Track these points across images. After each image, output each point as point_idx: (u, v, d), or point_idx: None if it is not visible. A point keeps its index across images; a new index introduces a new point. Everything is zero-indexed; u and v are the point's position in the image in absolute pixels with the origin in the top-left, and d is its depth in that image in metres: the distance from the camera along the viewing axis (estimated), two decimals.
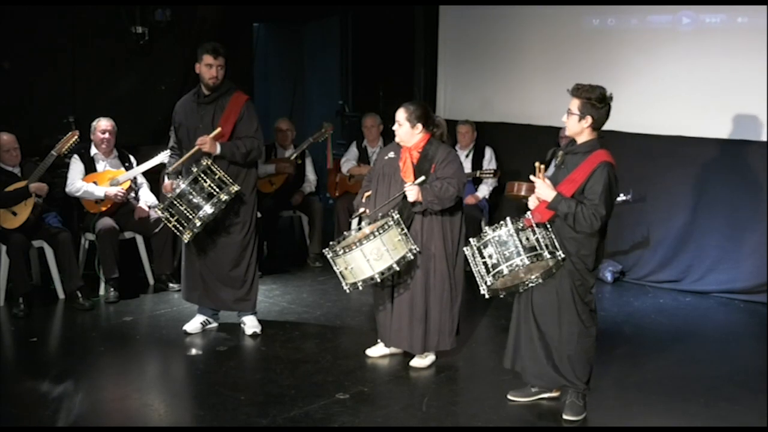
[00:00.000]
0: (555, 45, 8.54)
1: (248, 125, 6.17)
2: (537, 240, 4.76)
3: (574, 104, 4.79)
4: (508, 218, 4.85)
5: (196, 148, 6.01)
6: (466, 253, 4.99)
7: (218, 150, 6.02)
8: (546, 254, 4.72)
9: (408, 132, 5.61)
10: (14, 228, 6.97)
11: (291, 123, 9.06)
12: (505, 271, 4.76)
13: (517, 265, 4.75)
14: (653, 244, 8.03)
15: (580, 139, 4.84)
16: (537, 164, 4.87)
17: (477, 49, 9.24)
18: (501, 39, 8.99)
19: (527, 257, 4.73)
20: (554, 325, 4.94)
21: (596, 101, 4.74)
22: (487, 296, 4.92)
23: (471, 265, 4.96)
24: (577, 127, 4.81)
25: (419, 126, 5.60)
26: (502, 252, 4.79)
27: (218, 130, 6.03)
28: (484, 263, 4.86)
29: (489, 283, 4.84)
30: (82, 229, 7.56)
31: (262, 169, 8.31)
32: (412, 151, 5.64)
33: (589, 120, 4.76)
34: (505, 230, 4.81)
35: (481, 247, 4.89)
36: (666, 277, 7.92)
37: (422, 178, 5.50)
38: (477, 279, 4.94)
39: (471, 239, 4.98)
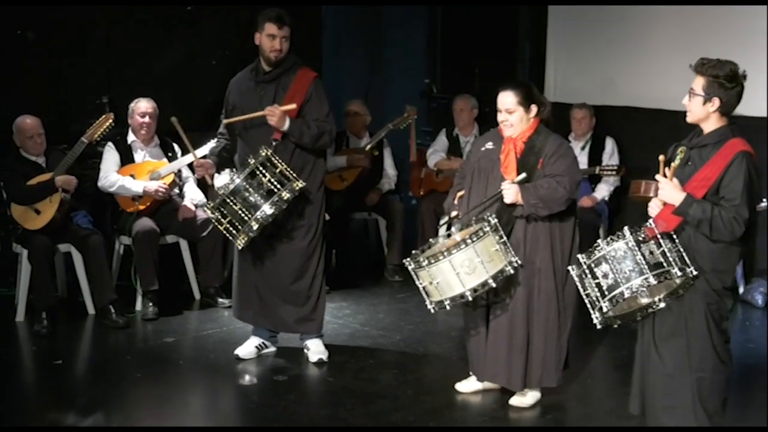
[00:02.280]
0: (693, 12, 8.41)
1: (318, 108, 6.19)
2: (663, 253, 4.68)
3: (698, 83, 4.73)
4: (626, 228, 4.78)
5: (260, 113, 6.05)
6: (572, 273, 4.92)
7: (287, 125, 6.05)
8: (675, 271, 4.64)
9: (523, 118, 5.56)
10: (37, 229, 7.11)
11: (366, 106, 9.10)
12: (627, 294, 4.68)
13: (640, 286, 4.67)
14: None
15: (707, 128, 4.77)
16: (661, 158, 4.79)
17: (595, 18, 9.17)
18: (625, 5, 8.89)
19: (653, 275, 4.65)
20: (682, 361, 4.81)
21: (725, 80, 4.67)
22: (599, 326, 4.84)
23: (579, 287, 4.89)
24: (702, 112, 4.74)
25: (534, 108, 5.57)
26: (620, 270, 4.72)
27: (292, 105, 6.05)
28: (598, 284, 4.79)
29: (605, 310, 4.76)
30: (116, 231, 7.70)
31: (332, 162, 8.35)
32: (516, 141, 5.60)
33: (716, 103, 4.70)
34: (623, 243, 4.74)
35: (593, 264, 4.81)
36: None
37: (523, 175, 5.47)
38: (588, 305, 4.86)
39: (580, 256, 4.91)
